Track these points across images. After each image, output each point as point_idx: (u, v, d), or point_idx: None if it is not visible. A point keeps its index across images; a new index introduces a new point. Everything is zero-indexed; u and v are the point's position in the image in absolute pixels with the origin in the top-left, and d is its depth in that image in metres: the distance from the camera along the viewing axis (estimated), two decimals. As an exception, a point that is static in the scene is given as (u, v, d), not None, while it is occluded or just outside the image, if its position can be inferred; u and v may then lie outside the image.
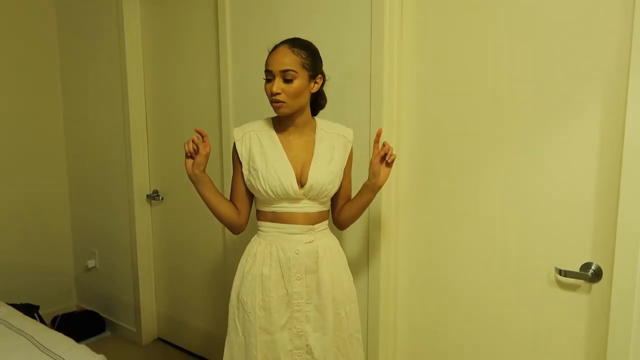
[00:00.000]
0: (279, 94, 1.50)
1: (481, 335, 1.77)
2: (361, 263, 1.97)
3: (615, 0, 1.40)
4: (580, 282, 1.54)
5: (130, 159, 2.87)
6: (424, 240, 1.87)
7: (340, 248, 1.69)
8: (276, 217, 1.60)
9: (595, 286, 1.52)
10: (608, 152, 1.45)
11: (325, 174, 1.57)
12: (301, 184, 1.57)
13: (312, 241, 1.59)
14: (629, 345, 1.42)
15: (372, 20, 1.81)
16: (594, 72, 1.45)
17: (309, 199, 1.58)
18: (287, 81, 1.50)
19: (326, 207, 1.66)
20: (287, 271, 1.57)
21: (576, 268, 1.53)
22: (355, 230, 1.96)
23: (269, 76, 1.53)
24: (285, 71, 1.50)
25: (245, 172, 1.60)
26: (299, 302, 1.58)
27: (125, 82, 2.80)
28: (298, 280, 1.57)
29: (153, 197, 2.92)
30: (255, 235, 1.65)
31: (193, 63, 2.57)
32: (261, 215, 1.64)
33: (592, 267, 1.50)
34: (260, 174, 1.55)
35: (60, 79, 3.24)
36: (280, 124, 1.63)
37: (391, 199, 1.88)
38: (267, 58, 1.54)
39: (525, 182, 1.61)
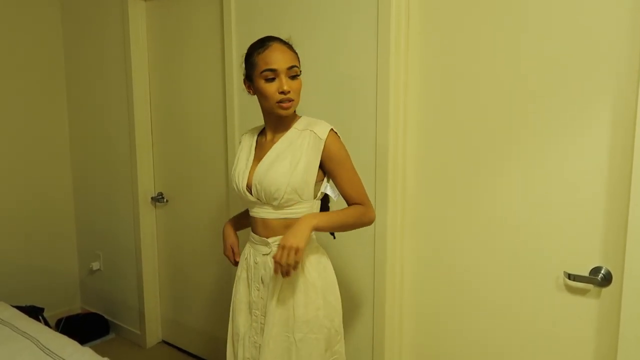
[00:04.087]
0: (289, 92, 1.44)
1: (488, 339, 1.75)
2: (367, 264, 1.96)
3: (626, 4, 1.39)
4: (590, 286, 1.52)
5: (135, 161, 2.86)
6: (431, 243, 1.86)
7: (309, 268, 1.50)
8: (250, 222, 1.62)
9: (605, 291, 1.50)
10: (618, 155, 1.43)
11: (265, 174, 1.47)
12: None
13: (269, 254, 1.52)
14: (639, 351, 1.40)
15: (379, 23, 1.80)
16: (605, 75, 1.44)
17: (265, 203, 1.50)
18: (293, 78, 1.46)
19: (291, 215, 1.48)
20: (250, 277, 1.58)
21: (585, 272, 1.51)
22: (361, 231, 1.94)
23: (271, 75, 1.43)
24: (291, 67, 1.45)
25: None
26: (256, 313, 1.56)
27: (130, 85, 2.81)
28: (257, 290, 1.55)
29: (158, 199, 2.91)
30: None
31: (198, 66, 2.57)
32: None
33: (602, 272, 1.49)
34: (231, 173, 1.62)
35: (66, 82, 3.25)
36: (272, 126, 1.55)
37: (397, 202, 1.87)
38: (262, 56, 1.44)
39: (534, 186, 1.59)
